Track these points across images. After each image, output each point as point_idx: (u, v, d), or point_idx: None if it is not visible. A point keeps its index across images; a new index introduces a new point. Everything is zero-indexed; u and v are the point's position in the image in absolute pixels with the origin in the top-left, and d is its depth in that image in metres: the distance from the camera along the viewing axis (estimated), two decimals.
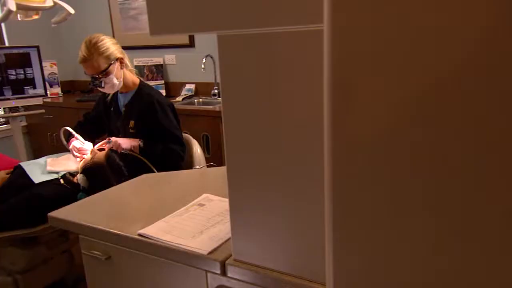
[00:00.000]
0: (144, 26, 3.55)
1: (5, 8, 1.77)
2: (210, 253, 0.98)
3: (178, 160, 2.02)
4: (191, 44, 3.35)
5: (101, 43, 1.91)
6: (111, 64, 1.92)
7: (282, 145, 0.80)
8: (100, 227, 1.16)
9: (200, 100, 3.28)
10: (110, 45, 1.93)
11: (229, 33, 0.78)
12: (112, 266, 1.19)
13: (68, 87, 4.10)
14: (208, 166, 1.98)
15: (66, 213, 1.27)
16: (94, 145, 2.05)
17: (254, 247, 0.91)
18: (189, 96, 3.32)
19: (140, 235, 1.10)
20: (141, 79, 2.11)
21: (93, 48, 1.89)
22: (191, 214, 1.20)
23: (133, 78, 2.05)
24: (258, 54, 0.76)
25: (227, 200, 1.28)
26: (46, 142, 3.68)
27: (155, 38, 3.47)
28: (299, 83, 0.74)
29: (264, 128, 0.81)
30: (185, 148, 2.07)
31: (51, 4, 1.97)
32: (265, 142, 0.82)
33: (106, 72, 1.91)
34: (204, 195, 1.34)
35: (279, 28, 0.71)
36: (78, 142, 2.02)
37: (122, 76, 1.98)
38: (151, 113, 1.97)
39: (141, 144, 1.99)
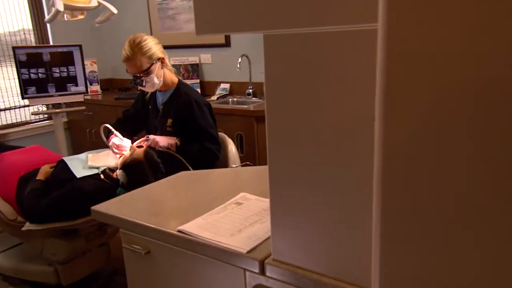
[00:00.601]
0: (181, 26, 3.60)
1: (53, 9, 1.85)
2: (249, 252, 0.99)
3: (214, 159, 2.04)
4: (227, 43, 3.38)
5: (144, 43, 1.95)
6: (152, 63, 1.96)
7: (326, 146, 0.80)
8: (140, 222, 1.19)
9: (235, 99, 3.30)
10: (152, 45, 1.97)
11: (276, 33, 0.78)
12: (152, 261, 1.21)
13: (107, 85, 4.22)
14: (243, 165, 1.99)
15: (108, 207, 1.31)
16: (132, 142, 2.10)
17: (294, 248, 0.91)
18: (224, 95, 3.35)
19: (179, 231, 1.11)
20: (180, 78, 2.15)
21: (137, 48, 1.93)
22: (229, 213, 1.21)
23: (172, 77, 2.09)
24: (305, 54, 0.76)
25: (264, 199, 1.29)
26: (85, 138, 3.80)
27: (192, 37, 3.52)
28: (347, 83, 0.73)
29: (308, 129, 0.81)
30: (221, 147, 2.09)
31: (96, 4, 2.03)
32: (309, 143, 0.81)
33: (147, 72, 1.95)
34: (241, 194, 1.34)
35: (327, 28, 0.70)
36: (117, 139, 2.08)
37: (162, 76, 2.02)
38: (189, 112, 2.00)
39: (178, 142, 2.02)
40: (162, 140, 1.99)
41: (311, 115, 0.79)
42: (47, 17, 1.93)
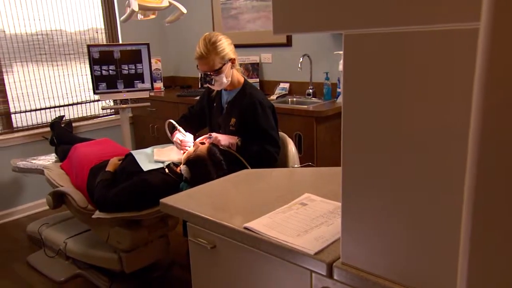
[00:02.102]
0: (243, 25, 3.65)
1: (128, 9, 1.94)
2: (316, 253, 0.98)
3: (272, 162, 2.05)
4: (288, 43, 3.38)
5: (219, 43, 1.98)
6: (224, 64, 2.00)
7: (407, 150, 0.77)
8: (207, 217, 1.21)
9: (294, 99, 3.28)
10: (226, 46, 2.01)
11: (358, 32, 0.76)
12: (217, 256, 1.24)
13: (169, 82, 4.37)
14: (306, 166, 1.98)
15: (176, 200, 1.35)
16: (195, 138, 2.16)
17: (365, 252, 0.88)
18: (283, 95, 3.35)
19: (246, 228, 1.13)
20: (246, 78, 2.17)
21: (211, 47, 1.97)
22: (294, 213, 1.21)
23: (239, 77, 2.11)
24: (390, 55, 0.73)
25: (329, 201, 1.28)
26: (148, 133, 3.96)
27: (253, 37, 3.55)
28: (434, 86, 0.70)
29: (388, 132, 0.78)
30: (280, 150, 2.09)
31: (167, 4, 2.11)
32: (388, 146, 0.79)
33: (218, 71, 1.99)
34: (306, 194, 1.34)
35: (417, 27, 0.68)
36: (181, 134, 2.14)
37: (231, 75, 2.05)
38: (252, 113, 2.01)
39: (239, 142, 2.04)
40: (224, 139, 2.02)
41: (393, 119, 0.77)
42: (122, 17, 2.03)
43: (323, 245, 1.01)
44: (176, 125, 2.15)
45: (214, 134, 2.03)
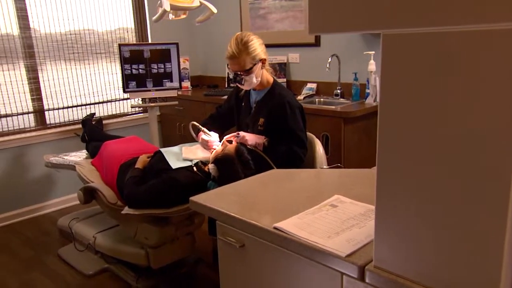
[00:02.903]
0: (271, 25, 3.65)
1: (160, 9, 1.97)
2: (348, 255, 0.97)
3: (299, 163, 2.04)
4: (316, 43, 3.35)
5: (250, 43, 1.99)
6: (255, 64, 2.00)
7: (446, 153, 0.75)
8: (237, 215, 1.22)
9: (321, 99, 3.26)
10: (257, 46, 2.01)
11: (398, 32, 0.75)
12: (246, 255, 1.24)
13: (197, 81, 4.42)
14: (334, 167, 1.96)
15: (206, 199, 1.36)
16: (222, 137, 2.17)
17: (398, 256, 0.87)
18: (310, 95, 3.32)
19: (275, 228, 1.12)
20: (275, 78, 2.16)
21: (243, 47, 1.98)
22: (324, 214, 1.20)
23: (268, 77, 2.11)
24: (433, 56, 0.71)
25: (359, 203, 1.26)
26: (174, 131, 4.01)
27: (281, 36, 3.55)
28: (480, 87, 0.68)
29: (427, 134, 0.76)
30: (307, 152, 2.07)
31: (198, 4, 2.13)
32: (426, 149, 0.77)
33: (249, 71, 2.00)
34: (335, 196, 1.32)
35: (464, 27, 0.66)
36: (206, 135, 2.15)
37: (260, 75, 2.06)
38: (281, 113, 2.01)
39: (266, 142, 2.04)
40: (251, 139, 2.03)
41: (433, 121, 0.75)
42: (154, 16, 2.07)
43: (354, 247, 1.00)
44: (200, 126, 2.17)
45: (241, 133, 2.04)
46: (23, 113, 3.42)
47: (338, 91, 3.18)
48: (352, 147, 2.79)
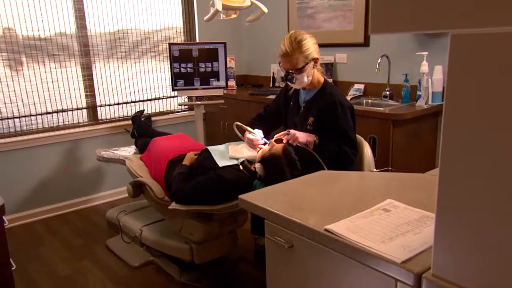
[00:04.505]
0: (319, 25, 3.61)
1: (212, 9, 2.00)
2: (404, 262, 0.94)
3: (349, 163, 2.00)
4: (365, 43, 3.28)
5: (304, 42, 1.97)
6: (307, 63, 1.99)
7: None
8: (287, 216, 1.21)
9: (369, 101, 3.19)
10: (311, 45, 2.00)
11: (469, 32, 0.71)
12: (294, 255, 1.23)
13: (241, 80, 4.45)
14: (385, 171, 1.91)
15: (255, 197, 1.37)
16: (268, 135, 2.16)
17: (460, 266, 0.83)
18: (357, 96, 3.26)
19: (326, 230, 1.11)
20: (326, 78, 2.14)
21: (297, 46, 1.97)
22: (376, 218, 1.17)
23: (319, 77, 2.09)
24: (505, 56, 0.68)
25: (413, 209, 1.22)
26: (218, 130, 4.06)
27: (329, 36, 3.50)
28: None
29: (497, 139, 0.73)
30: (357, 152, 2.04)
31: (249, 4, 2.14)
32: (497, 154, 0.73)
33: (301, 70, 1.99)
34: (388, 200, 1.29)
35: None
36: (251, 135, 2.15)
37: (312, 74, 2.04)
38: (331, 113, 1.98)
39: (317, 140, 2.02)
40: (302, 136, 2.01)
41: (504, 127, 0.71)
42: (206, 16, 2.10)
43: (410, 254, 0.96)
44: (243, 126, 2.17)
45: (292, 131, 2.02)
46: (77, 109, 3.58)
47: (387, 92, 3.10)
48: (400, 150, 2.71)
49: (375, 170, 1.98)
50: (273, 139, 2.06)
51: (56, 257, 2.82)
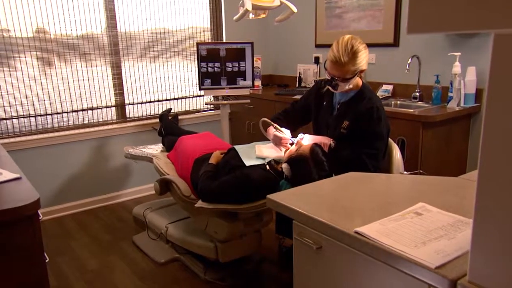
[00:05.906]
0: (346, 24, 3.57)
1: (241, 9, 2.00)
2: (438, 267, 0.91)
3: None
4: (395, 43, 3.22)
5: (359, 53, 1.89)
6: (355, 75, 1.93)
7: None
8: (316, 217, 1.20)
9: (398, 102, 3.13)
10: (364, 57, 1.92)
11: None
12: (322, 257, 1.22)
13: (267, 80, 4.45)
14: (416, 173, 1.87)
15: (283, 197, 1.36)
16: (295, 135, 2.14)
17: (499, 273, 0.80)
18: (386, 97, 3.20)
19: (356, 232, 1.09)
20: (364, 81, 2.08)
21: (352, 57, 1.88)
22: (408, 221, 1.14)
23: (358, 80, 2.03)
24: None
25: (447, 213, 1.19)
26: (243, 129, 4.07)
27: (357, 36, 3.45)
28: None
29: None
30: (379, 165, 1.97)
31: (278, 3, 2.13)
32: None
33: (347, 80, 1.93)
34: (420, 203, 1.26)
35: None
36: (279, 132, 2.13)
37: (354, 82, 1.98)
38: (368, 118, 1.93)
39: (332, 144, 1.99)
40: (314, 138, 1.98)
41: None
42: (235, 16, 2.11)
43: (444, 259, 0.94)
44: (272, 122, 2.15)
45: (301, 135, 2.01)
46: (106, 107, 3.66)
47: (417, 93, 3.03)
48: (430, 153, 2.65)
49: (405, 172, 1.93)
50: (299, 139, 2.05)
51: (85, 251, 2.89)
